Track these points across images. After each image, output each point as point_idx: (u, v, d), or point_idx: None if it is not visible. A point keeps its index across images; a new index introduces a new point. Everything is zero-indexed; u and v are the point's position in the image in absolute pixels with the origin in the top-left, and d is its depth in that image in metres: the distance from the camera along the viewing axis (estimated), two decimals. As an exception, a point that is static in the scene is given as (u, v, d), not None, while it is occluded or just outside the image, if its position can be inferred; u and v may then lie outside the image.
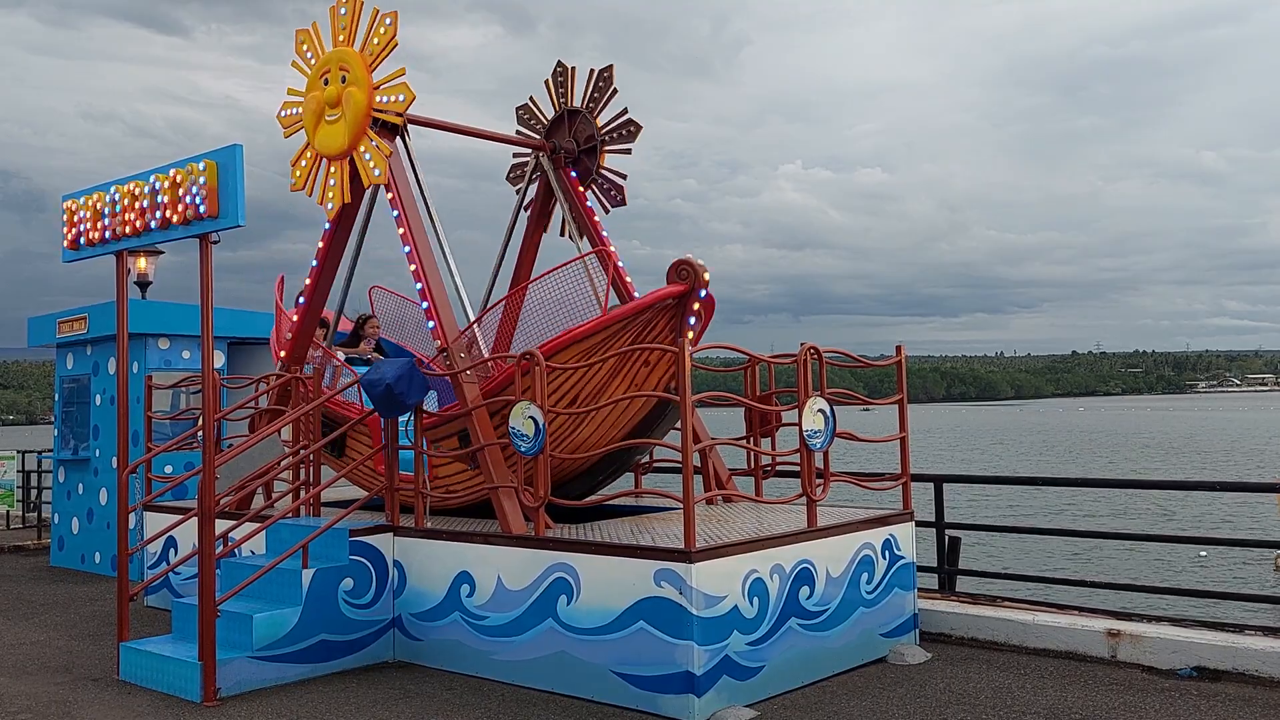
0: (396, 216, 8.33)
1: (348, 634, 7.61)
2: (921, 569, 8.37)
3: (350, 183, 8.22)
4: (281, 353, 9.39)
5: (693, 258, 7.41)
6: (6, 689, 7.25)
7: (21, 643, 8.75)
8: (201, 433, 7.25)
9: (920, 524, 8.40)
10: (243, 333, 13.12)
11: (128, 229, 7.35)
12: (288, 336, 9.30)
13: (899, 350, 8.15)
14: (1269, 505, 26.16)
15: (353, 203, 8.57)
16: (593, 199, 9.72)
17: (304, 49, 8.61)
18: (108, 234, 7.52)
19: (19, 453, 18.03)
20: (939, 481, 9.26)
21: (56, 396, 13.97)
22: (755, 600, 6.56)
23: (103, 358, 12.86)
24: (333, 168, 8.26)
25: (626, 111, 9.47)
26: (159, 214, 7.09)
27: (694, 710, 6.11)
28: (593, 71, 9.60)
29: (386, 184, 8.25)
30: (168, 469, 11.88)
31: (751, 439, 8.68)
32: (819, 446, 7.15)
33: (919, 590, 8.17)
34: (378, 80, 8.08)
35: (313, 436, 8.37)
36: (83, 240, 7.72)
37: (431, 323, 8.11)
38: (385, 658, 7.83)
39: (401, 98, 7.98)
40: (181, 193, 6.92)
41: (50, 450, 15.18)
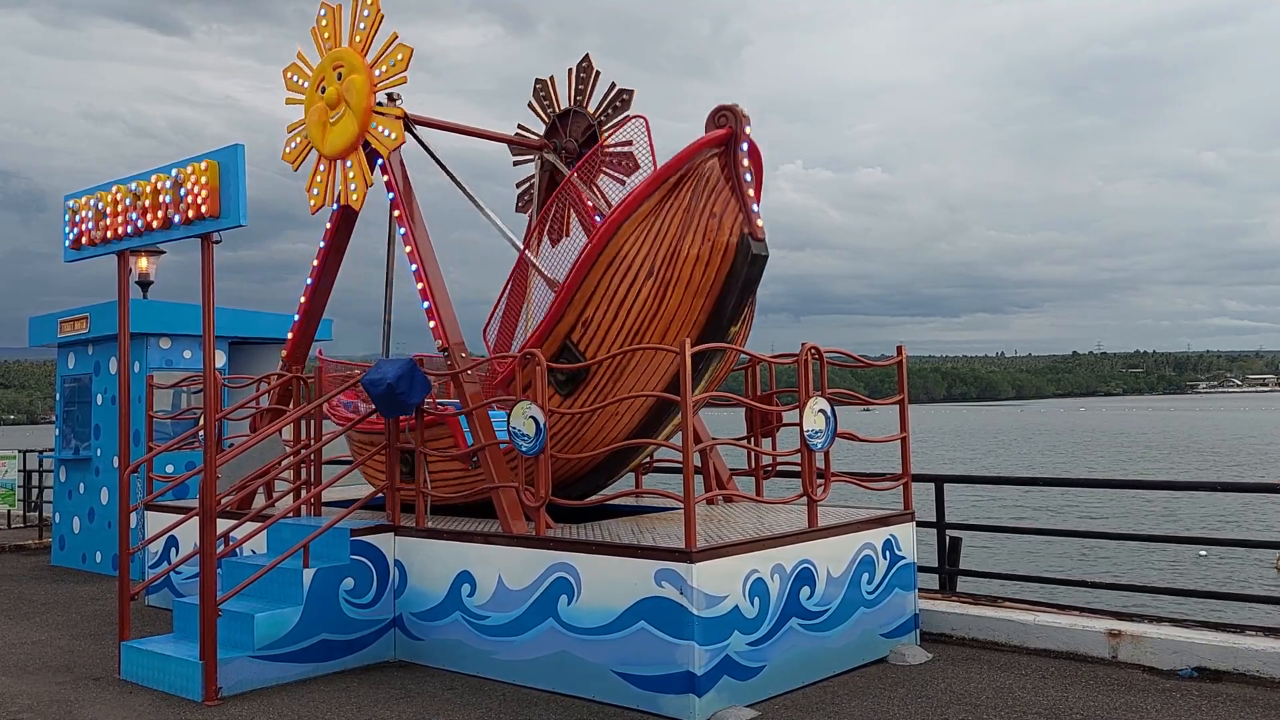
0: (397, 216, 8.34)
1: (349, 633, 7.62)
2: (922, 569, 8.37)
3: (368, 164, 8.22)
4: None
5: (736, 105, 7.06)
6: (8, 688, 7.25)
7: (23, 642, 8.76)
8: (203, 432, 7.26)
9: (921, 524, 8.40)
10: (244, 332, 13.13)
11: (129, 229, 7.36)
12: (289, 338, 9.28)
13: (900, 350, 8.16)
14: (1271, 505, 26.15)
15: (347, 206, 8.59)
16: (593, 200, 9.70)
17: (294, 79, 8.67)
18: (109, 234, 7.52)
19: (20, 452, 18.03)
20: (940, 482, 9.26)
21: (58, 396, 13.98)
22: (756, 600, 6.56)
23: (104, 357, 12.87)
24: (349, 161, 8.26)
25: (614, 85, 9.42)
26: (161, 214, 7.10)
27: (695, 710, 6.11)
28: (570, 70, 9.64)
29: (389, 183, 8.26)
30: (169, 468, 11.89)
31: (752, 439, 8.68)
32: (820, 447, 7.15)
33: (920, 590, 8.17)
34: (372, 59, 8.13)
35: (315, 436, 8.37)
36: (84, 240, 7.73)
37: (433, 322, 8.12)
38: (386, 657, 7.84)
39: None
40: (183, 192, 6.92)
41: (51, 450, 15.18)
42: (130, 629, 7.74)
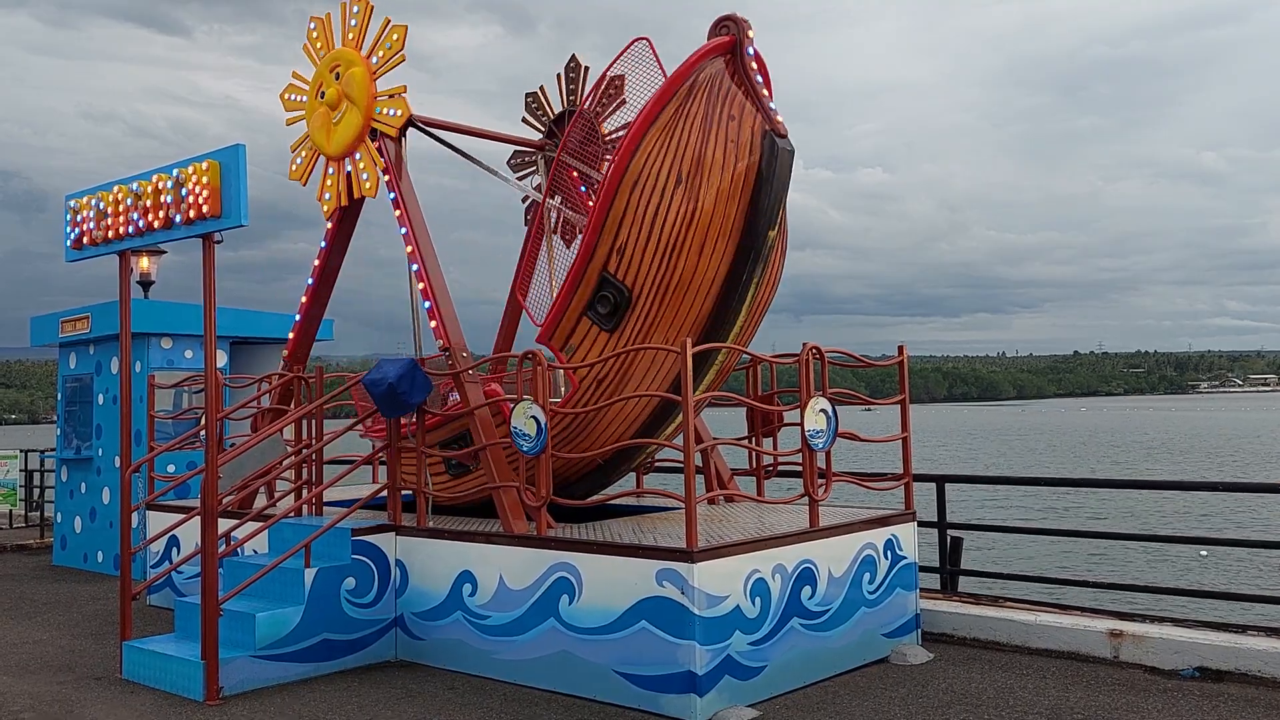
0: (398, 216, 8.35)
1: (350, 633, 7.62)
2: (923, 569, 8.37)
3: (377, 155, 8.27)
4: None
5: (734, 13, 6.98)
6: (9, 688, 7.26)
7: (24, 641, 8.76)
8: (204, 432, 7.26)
9: (922, 524, 8.40)
10: (245, 332, 13.13)
11: (131, 228, 7.36)
12: (290, 337, 9.28)
13: (901, 350, 8.15)
14: (1273, 505, 26.13)
15: (351, 206, 8.60)
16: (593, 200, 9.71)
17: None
18: (111, 234, 7.53)
19: (22, 452, 18.05)
20: (941, 481, 9.26)
21: (59, 396, 13.98)
22: (757, 600, 6.56)
23: (105, 357, 12.88)
24: (358, 154, 8.34)
25: (605, 75, 9.41)
26: (162, 213, 7.10)
27: (696, 710, 6.11)
28: (558, 75, 9.67)
29: (390, 183, 8.27)
30: (170, 468, 11.89)
31: (754, 439, 8.68)
32: (821, 446, 7.15)
33: (921, 590, 8.16)
34: (368, 49, 8.19)
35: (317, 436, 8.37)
36: (86, 240, 7.74)
37: (434, 322, 8.12)
38: (387, 657, 7.84)
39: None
40: (185, 192, 6.93)
41: (53, 449, 15.19)
42: (132, 628, 7.74)
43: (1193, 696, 6.44)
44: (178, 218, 7.00)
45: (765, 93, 7.00)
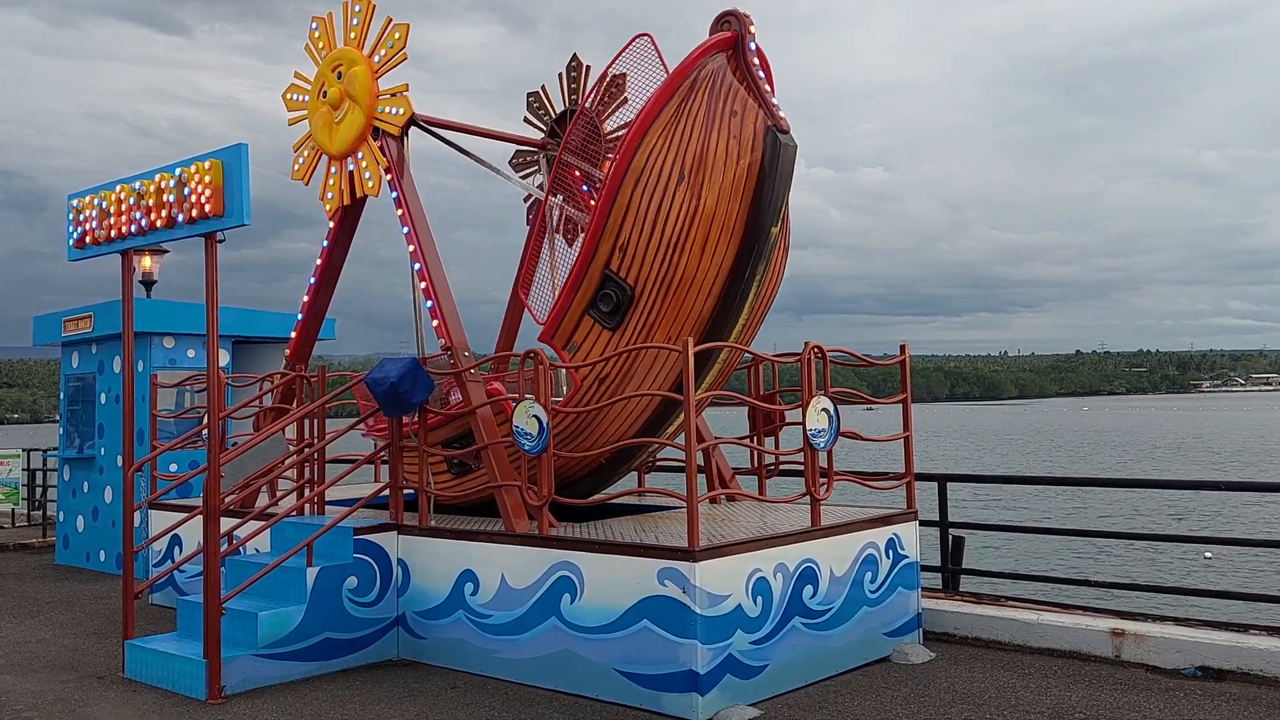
0: (400, 215, 8.35)
1: (352, 632, 7.63)
2: (925, 568, 8.37)
3: (379, 154, 8.26)
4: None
5: (736, 9, 6.96)
6: (12, 687, 7.27)
7: (27, 640, 8.77)
8: (206, 431, 7.26)
9: (924, 523, 8.40)
10: (247, 331, 13.14)
11: (133, 228, 7.37)
12: (292, 336, 9.29)
13: (903, 349, 8.15)
14: (1275, 505, 26.10)
15: (353, 205, 8.60)
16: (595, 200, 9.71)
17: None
18: (113, 233, 7.54)
19: (24, 451, 18.07)
20: (943, 481, 9.26)
21: (61, 395, 14.00)
22: (759, 599, 6.56)
23: (108, 356, 12.89)
24: (360, 153, 8.34)
25: (607, 73, 9.41)
26: (164, 213, 7.11)
27: (697, 709, 6.12)
28: (560, 74, 9.66)
29: (392, 183, 8.28)
30: (172, 467, 11.90)
31: (755, 438, 8.68)
32: (823, 446, 7.15)
33: (923, 590, 8.16)
34: (369, 48, 8.17)
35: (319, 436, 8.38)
36: (88, 239, 7.75)
37: (435, 321, 8.13)
38: (389, 656, 7.84)
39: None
40: (187, 192, 6.94)
41: (55, 448, 15.21)
42: (134, 627, 7.75)
43: (1195, 696, 6.43)
44: (180, 217, 7.01)
45: (767, 88, 6.97)
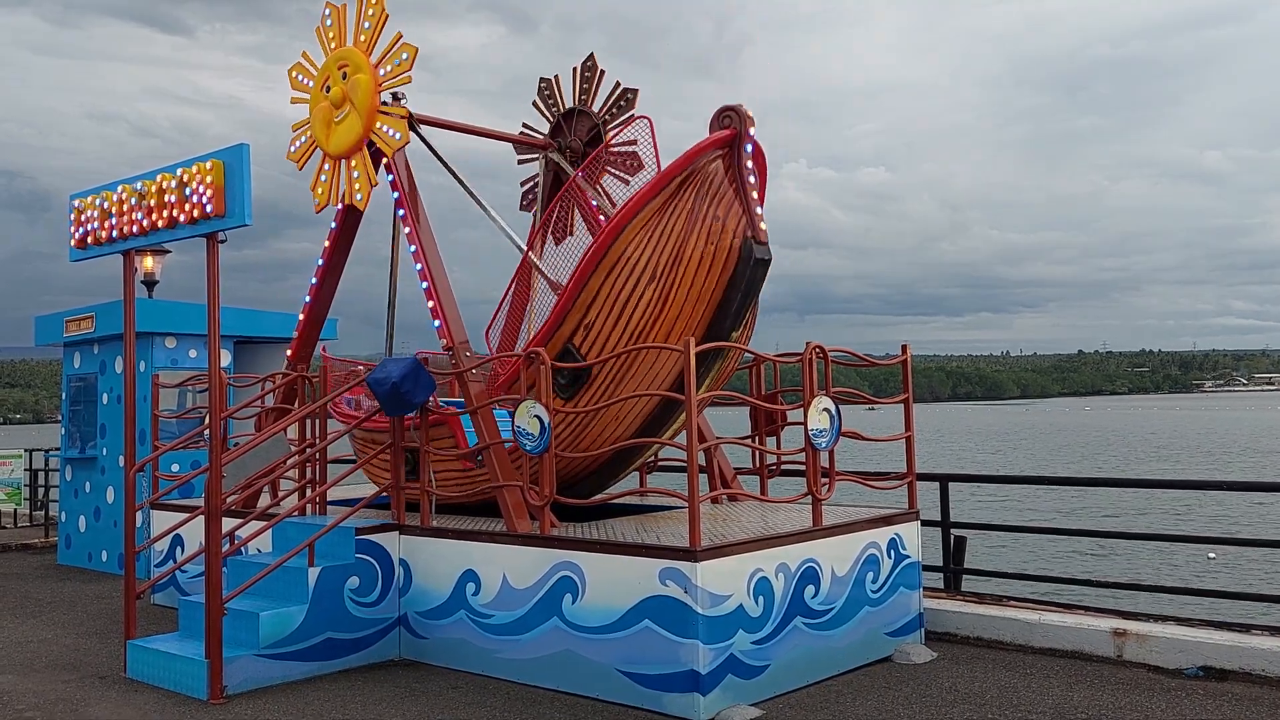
0: (402, 215, 8.35)
1: (353, 632, 7.63)
2: (927, 568, 8.36)
3: (372, 163, 8.19)
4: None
5: (739, 106, 7.05)
6: (14, 687, 7.28)
7: (29, 640, 8.78)
8: (208, 431, 7.27)
9: (926, 523, 8.39)
10: (249, 332, 13.15)
11: (135, 228, 7.38)
12: (295, 337, 9.29)
13: (904, 349, 8.15)
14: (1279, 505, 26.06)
15: (352, 206, 8.59)
16: (597, 200, 9.70)
17: (299, 79, 8.66)
18: (115, 233, 7.55)
19: (26, 451, 18.08)
20: (944, 480, 9.25)
21: (63, 395, 14.01)
22: (760, 599, 6.56)
23: (110, 357, 12.90)
24: (353, 161, 8.24)
25: (619, 85, 9.43)
26: (166, 213, 7.12)
27: (699, 709, 6.11)
28: (575, 69, 9.63)
29: (394, 183, 8.27)
30: (174, 467, 11.91)
31: (757, 438, 8.68)
32: (824, 446, 7.15)
33: (924, 589, 8.16)
34: (376, 58, 8.08)
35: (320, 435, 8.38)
36: (90, 239, 7.75)
37: (437, 322, 8.14)
38: (391, 656, 7.85)
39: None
40: (189, 192, 6.94)
41: (57, 449, 15.22)
42: (136, 627, 7.75)
43: (1197, 696, 6.43)
44: (181, 217, 7.02)
45: (755, 194, 7.10)
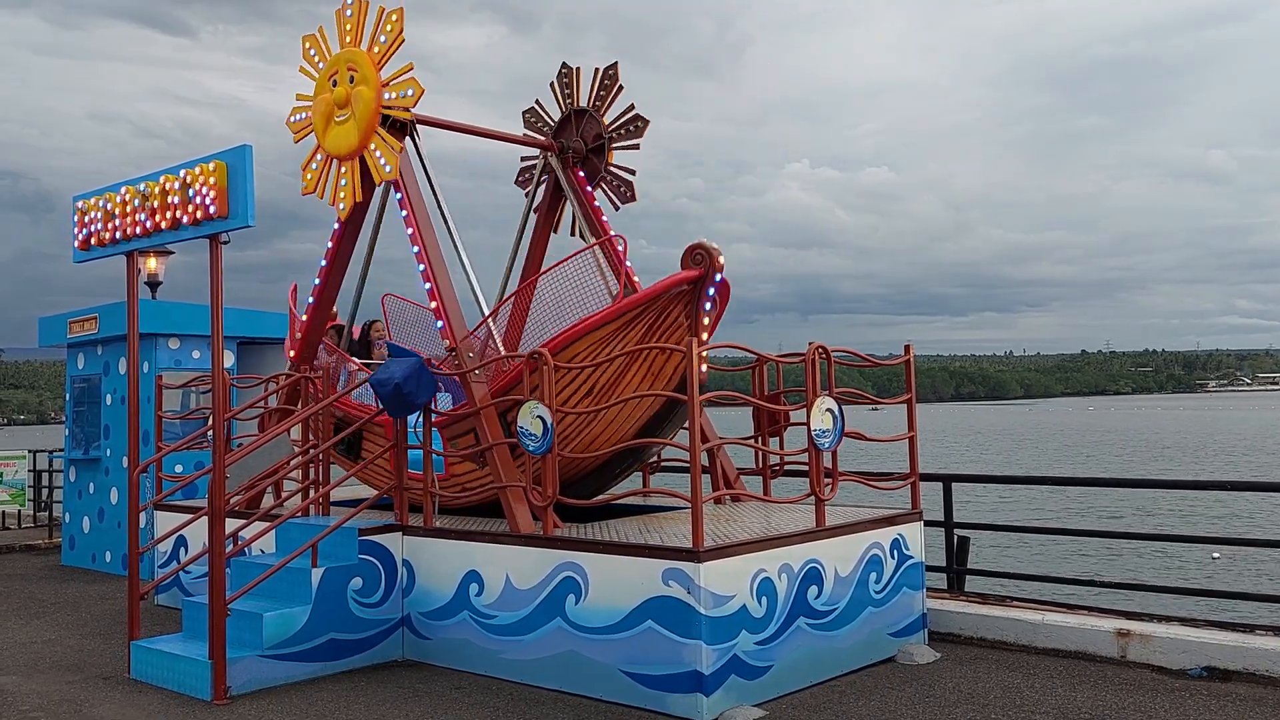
0: (405, 216, 8.36)
1: (357, 633, 7.63)
2: (930, 569, 8.36)
3: (361, 181, 8.21)
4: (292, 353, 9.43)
5: (708, 241, 7.24)
6: (18, 687, 7.29)
7: (33, 641, 8.79)
8: (211, 432, 7.28)
9: (929, 523, 8.39)
10: (252, 332, 13.16)
11: (138, 229, 7.39)
12: (298, 338, 9.31)
13: (907, 349, 8.14)
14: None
15: (363, 202, 8.58)
16: (601, 198, 9.73)
17: (310, 53, 8.59)
18: (118, 234, 7.56)
19: (30, 452, 18.12)
20: (948, 481, 9.24)
21: (67, 396, 14.03)
22: (763, 600, 6.56)
23: (113, 358, 12.92)
24: (343, 168, 8.23)
25: (633, 108, 9.48)
26: (169, 214, 7.13)
27: (702, 709, 6.11)
28: (598, 70, 9.60)
29: (396, 183, 8.27)
30: (178, 468, 11.93)
31: (760, 438, 8.67)
32: (827, 446, 7.15)
33: (928, 590, 8.15)
34: (386, 77, 8.06)
35: (323, 436, 8.39)
36: (93, 241, 7.76)
37: (440, 322, 8.14)
38: (394, 656, 7.85)
39: (410, 92, 7.94)
40: (192, 193, 6.95)
41: (61, 450, 15.25)
42: (140, 628, 7.76)
43: (1200, 696, 6.42)
44: (185, 218, 7.02)
45: (706, 336, 7.43)
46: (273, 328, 13.21)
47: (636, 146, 9.53)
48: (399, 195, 8.35)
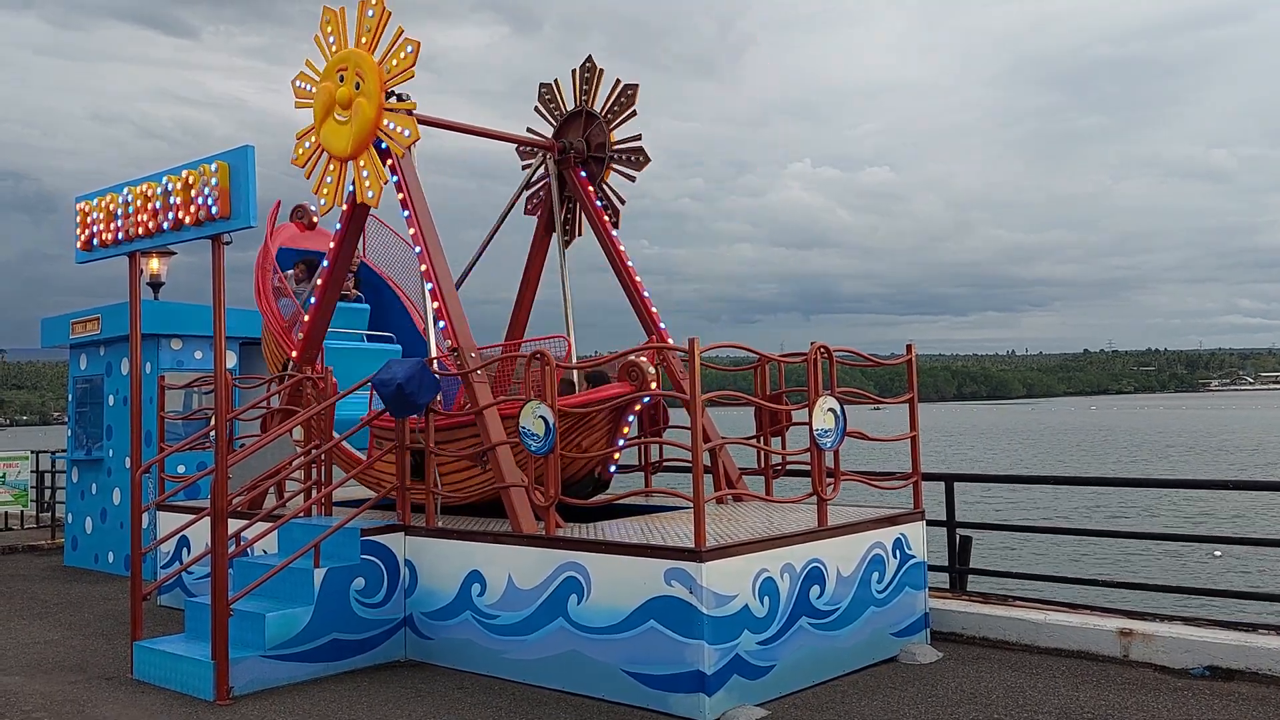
0: (407, 217, 8.36)
1: (359, 633, 7.64)
2: (932, 568, 8.36)
3: (380, 166, 8.15)
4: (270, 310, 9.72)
5: (643, 363, 7.63)
6: (21, 688, 7.30)
7: (36, 642, 8.80)
8: (214, 433, 7.29)
9: (931, 523, 8.39)
10: (255, 333, 13.13)
11: (140, 230, 7.40)
12: (298, 336, 9.31)
13: (909, 349, 8.14)
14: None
15: (358, 207, 8.59)
16: (601, 200, 9.72)
17: (327, 29, 8.39)
18: (120, 235, 7.57)
19: (33, 453, 18.13)
20: (950, 480, 9.24)
21: (70, 397, 14.05)
22: (766, 599, 6.56)
23: (116, 358, 12.93)
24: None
25: (639, 138, 9.45)
26: (171, 215, 7.13)
27: (705, 709, 6.11)
28: (619, 81, 9.56)
29: (398, 183, 8.28)
30: (180, 469, 11.94)
31: (762, 438, 8.67)
32: (829, 445, 7.15)
33: (930, 589, 8.15)
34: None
35: (324, 436, 8.39)
36: (96, 241, 7.77)
37: (442, 323, 8.15)
38: (397, 657, 7.86)
39: (407, 133, 7.86)
40: (194, 194, 6.96)
41: (64, 450, 15.27)
42: (142, 629, 7.77)
43: (1203, 695, 6.41)
44: (187, 219, 7.03)
45: (621, 441, 8.09)
46: (275, 328, 13.21)
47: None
48: (400, 195, 8.35)
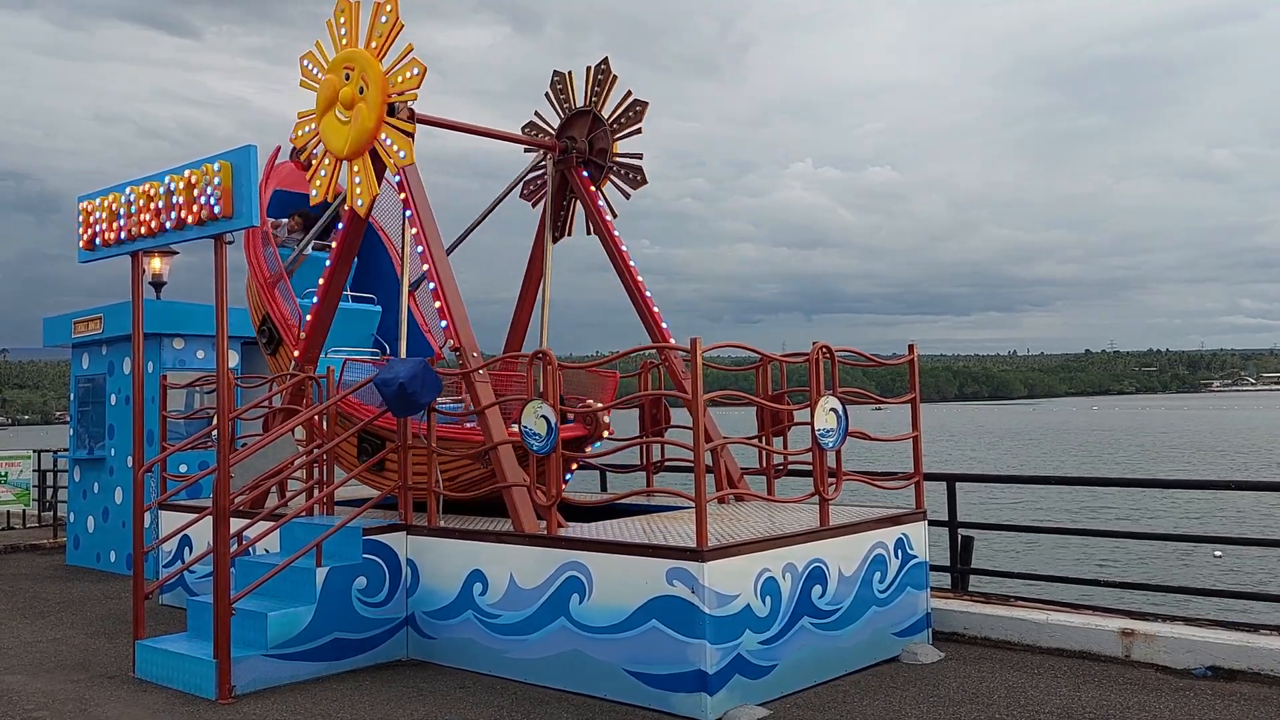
0: (409, 216, 8.37)
1: (361, 632, 7.64)
2: (934, 568, 8.36)
3: (373, 176, 8.14)
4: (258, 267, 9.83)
5: (601, 415, 8.04)
6: (24, 687, 7.30)
7: (38, 641, 8.81)
8: (216, 432, 7.29)
9: (933, 523, 8.39)
10: (256, 332, 13.16)
11: (143, 230, 7.40)
12: (300, 331, 9.32)
13: (911, 349, 8.14)
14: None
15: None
16: (603, 200, 9.72)
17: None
18: (123, 234, 7.57)
19: (35, 452, 18.14)
20: (951, 480, 9.24)
21: (72, 396, 14.06)
22: (767, 599, 6.56)
23: (118, 357, 12.94)
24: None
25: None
26: (174, 215, 7.14)
27: (706, 709, 6.12)
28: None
29: (400, 183, 8.29)
30: (182, 468, 11.95)
31: (764, 438, 8.67)
32: (831, 445, 7.15)
33: (932, 589, 8.15)
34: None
35: (326, 435, 8.39)
36: (98, 241, 7.78)
37: (445, 323, 8.16)
38: (399, 656, 7.86)
39: (403, 155, 7.84)
40: (196, 193, 6.96)
41: (66, 449, 15.28)
42: (144, 628, 7.78)
43: (1205, 696, 6.41)
44: (190, 219, 7.04)
45: (574, 465, 8.54)
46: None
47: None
48: (402, 195, 8.36)
